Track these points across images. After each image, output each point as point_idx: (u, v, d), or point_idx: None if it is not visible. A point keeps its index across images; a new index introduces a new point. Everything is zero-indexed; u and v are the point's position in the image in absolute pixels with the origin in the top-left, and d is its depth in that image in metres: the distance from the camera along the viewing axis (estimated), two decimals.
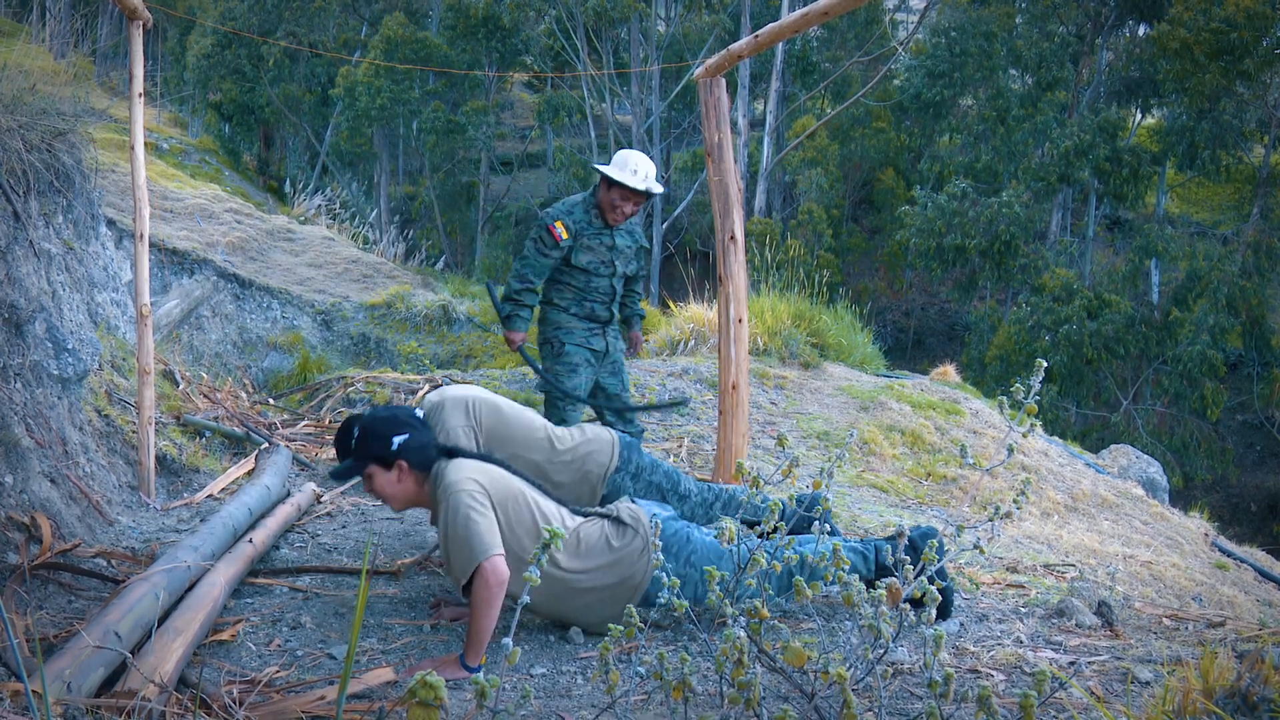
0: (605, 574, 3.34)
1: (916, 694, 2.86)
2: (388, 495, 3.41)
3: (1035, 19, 24.91)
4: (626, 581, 3.34)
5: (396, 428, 3.36)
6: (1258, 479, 21.00)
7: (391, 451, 3.34)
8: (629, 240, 5.25)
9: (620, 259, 5.23)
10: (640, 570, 3.34)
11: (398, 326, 12.43)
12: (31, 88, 4.91)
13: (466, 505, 3.18)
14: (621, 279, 5.29)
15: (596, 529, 3.40)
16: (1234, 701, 2.25)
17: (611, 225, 5.15)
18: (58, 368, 4.47)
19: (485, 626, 3.05)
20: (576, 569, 3.33)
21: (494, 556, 3.07)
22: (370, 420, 3.42)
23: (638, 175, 5.03)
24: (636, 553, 3.35)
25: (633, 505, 3.51)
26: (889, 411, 8.15)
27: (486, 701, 1.92)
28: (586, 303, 5.19)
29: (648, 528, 3.39)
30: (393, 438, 3.34)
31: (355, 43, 26.93)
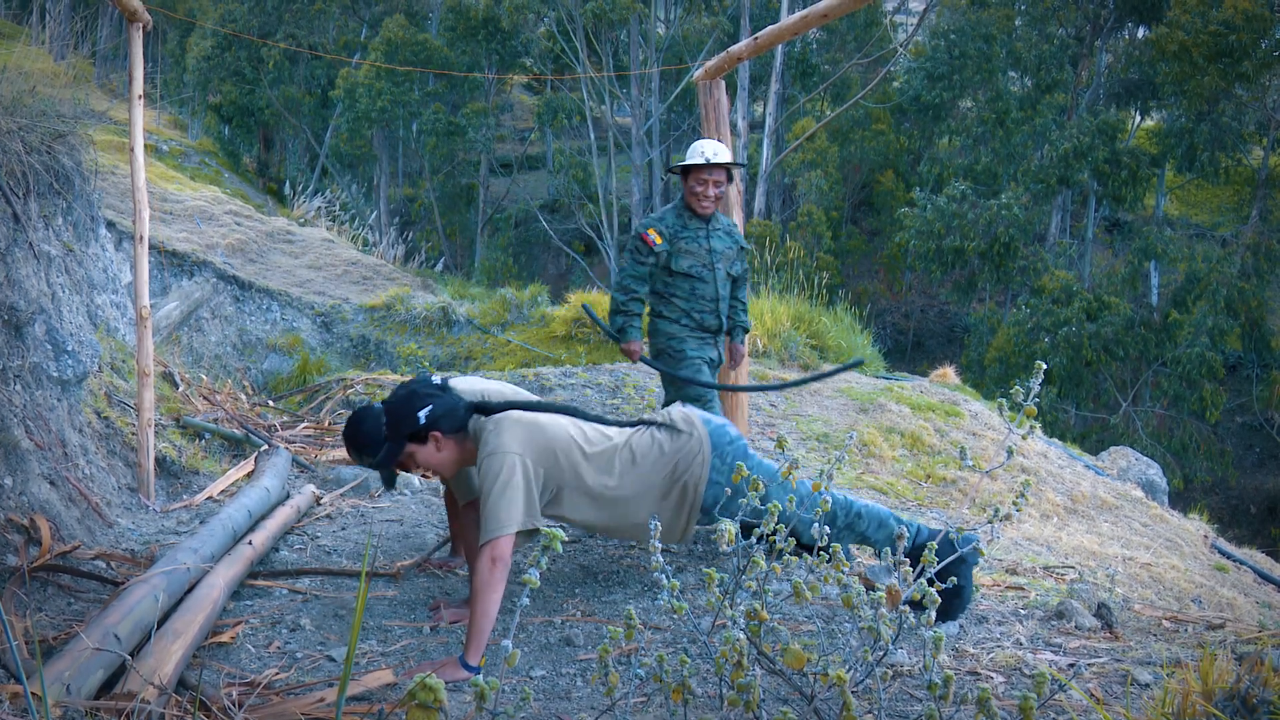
0: (659, 472, 3.39)
1: (916, 696, 2.86)
2: (435, 466, 3.43)
3: (1034, 21, 24.92)
4: (680, 478, 3.39)
5: (418, 401, 3.37)
6: (1257, 481, 21.00)
7: (422, 425, 3.34)
8: (728, 241, 5.05)
9: (721, 261, 5.01)
10: (696, 469, 3.39)
11: (397, 328, 12.43)
12: (31, 90, 4.91)
13: (508, 463, 3.22)
14: (727, 283, 5.05)
15: (648, 437, 3.45)
16: (1233, 704, 2.25)
17: (703, 215, 4.94)
18: (57, 370, 4.47)
19: (486, 613, 3.04)
20: (632, 480, 3.38)
21: (503, 537, 3.10)
22: (392, 403, 3.42)
23: (705, 153, 4.89)
24: (692, 453, 3.40)
25: (685, 409, 3.56)
26: (888, 413, 8.15)
27: (486, 704, 1.92)
28: (695, 313, 4.99)
29: (702, 428, 3.44)
30: (418, 412, 3.35)
31: (355, 45, 26.94)
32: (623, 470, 3.39)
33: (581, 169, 26.08)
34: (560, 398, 7.71)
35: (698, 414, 3.53)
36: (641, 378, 8.22)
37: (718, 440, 3.46)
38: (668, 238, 4.94)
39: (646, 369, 8.59)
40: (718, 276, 4.99)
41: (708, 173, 4.86)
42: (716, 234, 4.99)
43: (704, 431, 3.46)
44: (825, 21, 4.54)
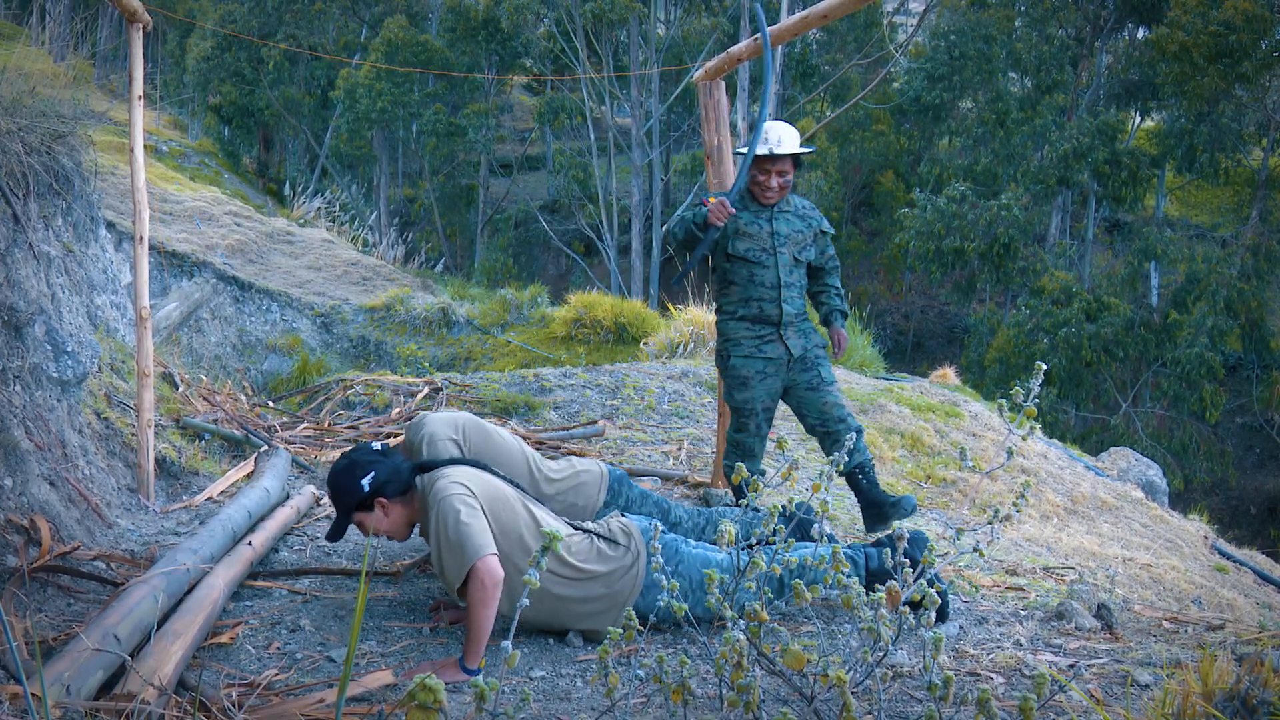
0: (595, 586, 3.34)
1: (916, 697, 2.86)
2: (386, 531, 3.46)
3: (1034, 22, 24.92)
4: (617, 595, 3.35)
5: (360, 471, 3.40)
6: (1257, 481, 21.00)
7: (365, 493, 3.38)
8: (797, 225, 4.73)
9: (787, 246, 4.69)
10: (630, 584, 3.35)
11: (397, 329, 12.44)
12: (31, 90, 4.91)
13: (455, 509, 3.19)
14: (792, 269, 4.71)
15: (587, 542, 3.40)
16: (1233, 705, 2.25)
17: (766, 204, 4.66)
18: (57, 370, 4.47)
19: (483, 628, 3.05)
20: (567, 580, 3.33)
21: (487, 556, 3.08)
22: (333, 477, 3.46)
23: (770, 142, 4.58)
24: (626, 567, 3.36)
25: (624, 519, 3.51)
26: (888, 414, 8.15)
27: (486, 704, 1.92)
28: (752, 301, 4.68)
29: (639, 541, 3.40)
30: (360, 480, 3.38)
31: (355, 45, 26.95)
32: (559, 564, 3.31)
33: (581, 169, 26.08)
34: (560, 399, 7.71)
35: (634, 525, 3.47)
36: (641, 378, 8.22)
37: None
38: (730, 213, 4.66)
39: (643, 370, 8.60)
40: (779, 261, 4.68)
41: (771, 162, 4.59)
42: (783, 216, 4.70)
43: (640, 544, 3.39)
44: (825, 22, 4.53)
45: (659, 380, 8.22)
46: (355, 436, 6.82)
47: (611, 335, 12.36)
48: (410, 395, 7.77)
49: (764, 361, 4.72)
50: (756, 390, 4.73)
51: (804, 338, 4.77)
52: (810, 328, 4.83)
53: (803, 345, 4.75)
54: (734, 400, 4.79)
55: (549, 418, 7.41)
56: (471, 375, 8.71)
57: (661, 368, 8.73)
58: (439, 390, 7.81)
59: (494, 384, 8.03)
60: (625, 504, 4.08)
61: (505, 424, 6.95)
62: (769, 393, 4.75)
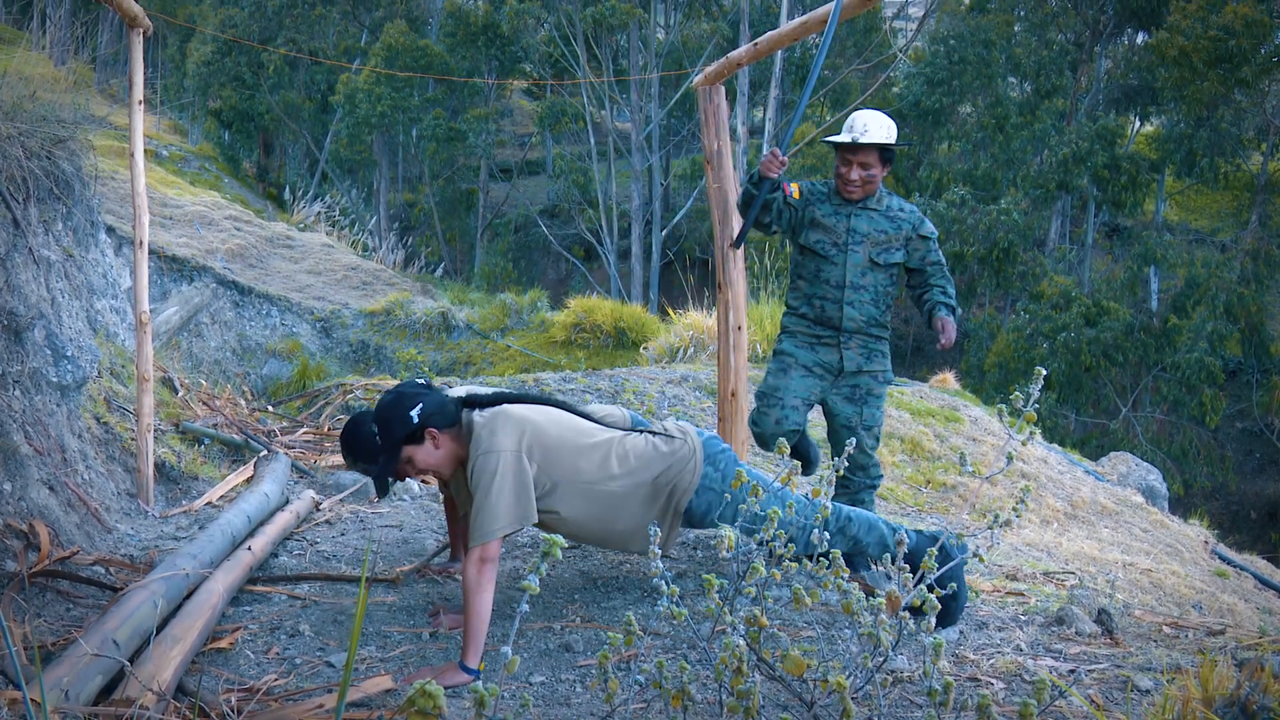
0: (650, 472, 3.39)
1: (916, 702, 2.86)
2: (434, 466, 3.39)
3: (1034, 27, 24.95)
4: (668, 481, 3.40)
5: (408, 402, 3.33)
6: (1257, 486, 20.99)
7: (415, 424, 3.30)
8: (881, 224, 4.31)
9: (863, 245, 4.30)
10: (686, 475, 3.41)
11: (397, 333, 12.44)
12: (31, 95, 4.92)
13: (493, 471, 3.20)
14: (866, 270, 4.30)
15: (642, 440, 3.47)
16: (1233, 710, 2.25)
17: (849, 199, 4.29)
18: (56, 375, 4.47)
19: (481, 619, 3.06)
20: (624, 477, 3.38)
21: (492, 542, 3.10)
22: (381, 409, 3.38)
23: (854, 130, 4.22)
24: (684, 459, 3.42)
25: (680, 421, 3.60)
26: (888, 419, 8.15)
27: (485, 710, 1.92)
28: (817, 300, 4.33)
29: (695, 438, 3.48)
30: (409, 412, 3.30)
31: (355, 50, 26.98)
32: (618, 465, 3.39)
33: (581, 174, 26.10)
34: None
35: (690, 426, 3.55)
36: (641, 383, 8.22)
37: (710, 450, 3.49)
38: (805, 196, 4.36)
39: (643, 374, 8.59)
40: (850, 260, 4.29)
41: (852, 152, 4.21)
42: (867, 214, 4.30)
43: (697, 441, 3.48)
44: (825, 27, 4.53)
45: (659, 385, 8.22)
46: None
47: (611, 340, 12.36)
48: None
49: (812, 357, 4.35)
50: (793, 379, 4.33)
51: (866, 357, 4.32)
52: (879, 351, 4.36)
53: (859, 363, 4.31)
54: (764, 385, 4.41)
55: None
56: (471, 380, 8.71)
57: (661, 372, 8.73)
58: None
59: (494, 387, 8.02)
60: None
61: None
62: (805, 391, 4.33)
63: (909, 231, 4.34)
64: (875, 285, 4.32)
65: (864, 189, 4.26)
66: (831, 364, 4.33)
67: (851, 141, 4.20)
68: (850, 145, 4.21)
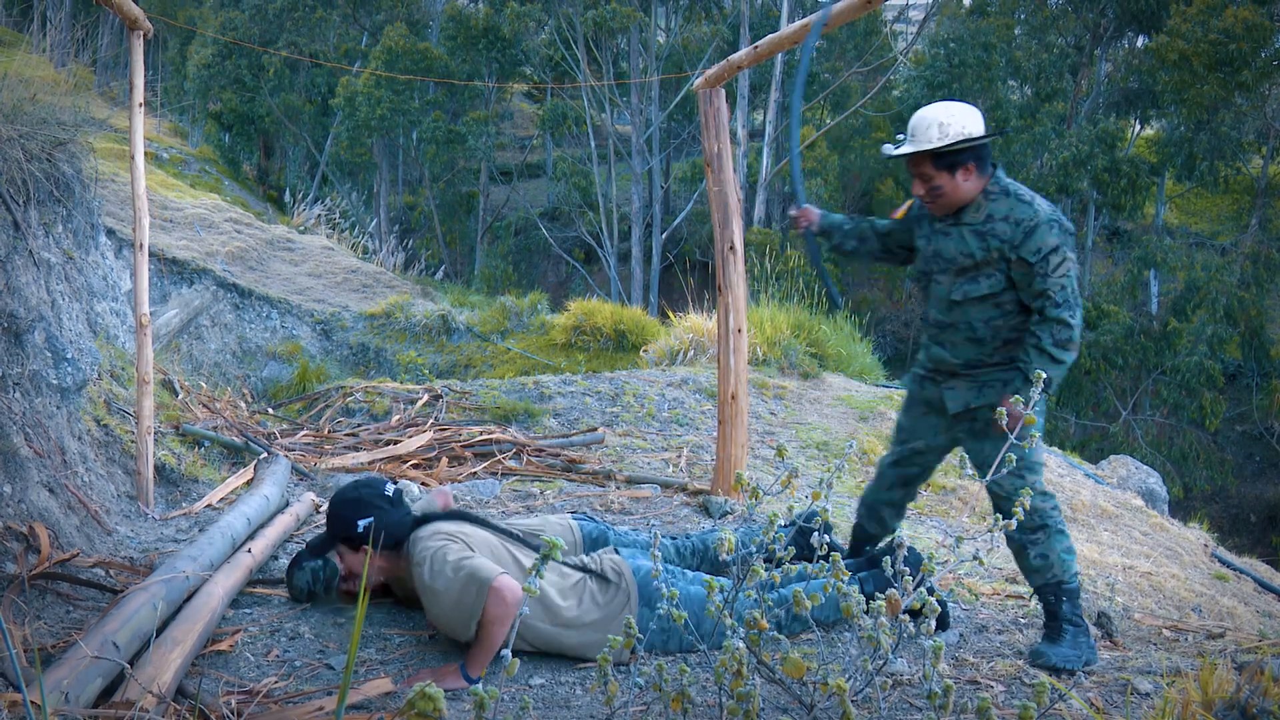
0: (591, 631, 3.30)
1: (916, 705, 2.86)
2: (361, 574, 3.48)
3: (1034, 30, 24.97)
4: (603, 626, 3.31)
5: (361, 511, 3.42)
6: (1257, 490, 20.98)
7: (357, 533, 3.41)
8: (969, 245, 3.44)
9: (947, 274, 3.52)
10: (620, 624, 3.30)
11: (397, 336, 12.43)
12: (32, 97, 4.92)
13: (446, 552, 3.21)
14: (952, 307, 3.49)
15: (581, 584, 3.38)
16: (1233, 713, 2.25)
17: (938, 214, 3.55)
18: (57, 377, 4.47)
19: (494, 642, 3.06)
20: (554, 620, 3.30)
21: (501, 576, 3.09)
22: (335, 504, 3.49)
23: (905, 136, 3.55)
24: (619, 606, 3.34)
25: (615, 557, 3.48)
26: (888, 422, 8.15)
27: (485, 713, 1.92)
28: (923, 332, 3.73)
29: (630, 580, 3.37)
30: (358, 520, 3.40)
31: (356, 53, 26.98)
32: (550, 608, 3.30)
33: (582, 177, 26.11)
34: (560, 406, 7.71)
35: (626, 564, 3.42)
36: (641, 385, 8.22)
37: (645, 590, 3.35)
38: (908, 218, 3.76)
39: (643, 377, 8.59)
40: (934, 292, 3.57)
41: (912, 165, 3.50)
42: (957, 232, 3.48)
43: (632, 584, 3.36)
44: (825, 30, 4.54)
45: (659, 387, 8.22)
46: (355, 443, 6.82)
47: (611, 342, 12.37)
48: (410, 402, 7.77)
49: (921, 395, 3.71)
50: (908, 419, 3.76)
51: (976, 392, 3.50)
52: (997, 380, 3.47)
53: (966, 401, 3.52)
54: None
55: (549, 425, 7.41)
56: (471, 382, 8.72)
57: (661, 375, 8.72)
58: (439, 398, 7.82)
59: (494, 391, 8.03)
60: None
61: None
62: (926, 429, 3.70)
63: (1005, 250, 3.38)
64: (971, 322, 3.48)
65: (939, 204, 3.49)
66: (935, 403, 3.63)
67: (894, 152, 3.56)
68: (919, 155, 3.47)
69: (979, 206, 3.45)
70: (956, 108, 3.47)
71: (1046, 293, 3.32)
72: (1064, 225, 3.37)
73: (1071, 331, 3.31)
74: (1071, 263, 3.34)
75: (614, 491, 5.67)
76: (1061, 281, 3.31)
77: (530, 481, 5.98)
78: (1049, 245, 3.32)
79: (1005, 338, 3.45)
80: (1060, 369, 3.31)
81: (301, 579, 3.71)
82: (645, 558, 3.50)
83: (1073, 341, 3.32)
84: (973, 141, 3.40)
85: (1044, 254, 3.32)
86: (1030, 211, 3.37)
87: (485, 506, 5.37)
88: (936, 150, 3.40)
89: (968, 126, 3.41)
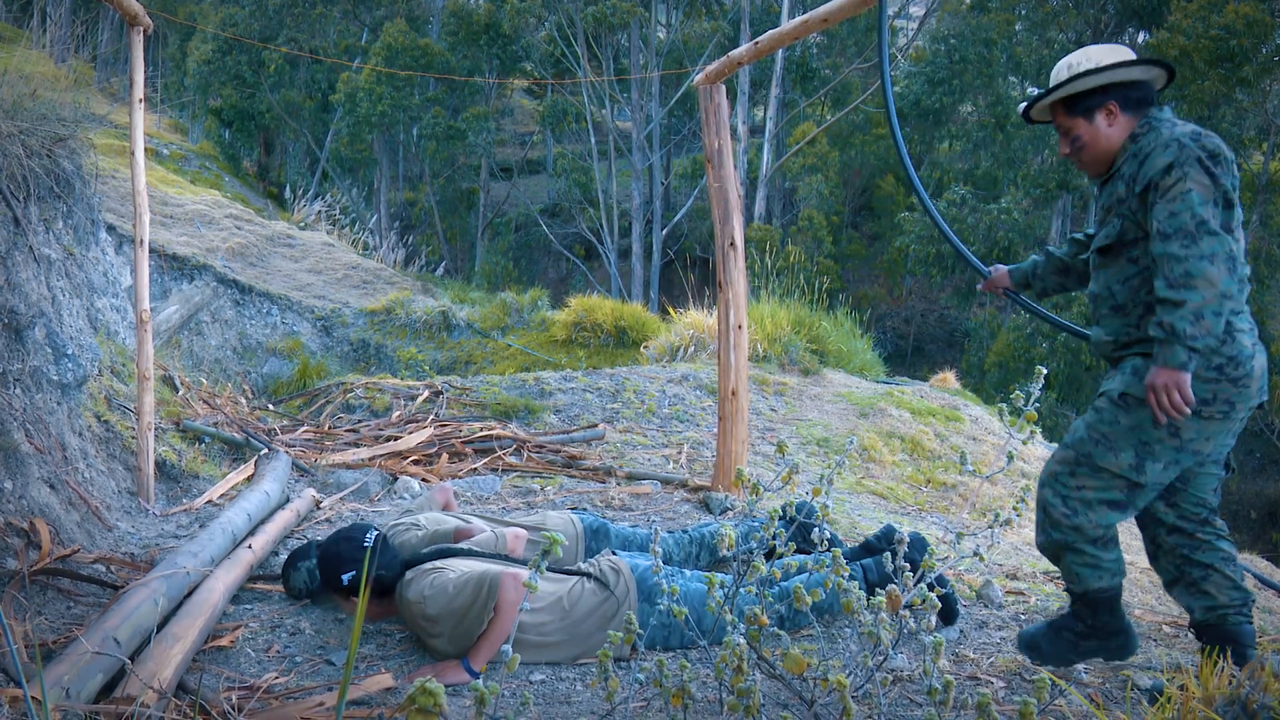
0: (588, 623, 3.31)
1: (916, 701, 2.86)
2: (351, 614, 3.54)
3: (1035, 26, 24.96)
4: (602, 624, 3.32)
5: (344, 566, 3.45)
6: (1257, 486, 20.99)
7: (344, 586, 3.46)
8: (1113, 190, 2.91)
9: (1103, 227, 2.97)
10: (620, 619, 3.32)
11: (397, 332, 12.43)
12: (32, 93, 4.91)
13: (444, 575, 3.24)
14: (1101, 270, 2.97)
15: (579, 588, 3.38)
16: (1233, 709, 2.25)
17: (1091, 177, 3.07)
18: (57, 373, 4.47)
19: (502, 632, 3.07)
20: (566, 628, 3.30)
21: (506, 570, 3.12)
22: (324, 559, 3.51)
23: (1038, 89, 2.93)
24: (617, 604, 3.34)
25: (613, 558, 3.49)
26: (888, 418, 8.15)
27: (486, 708, 1.92)
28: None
29: (629, 577, 3.38)
30: (343, 574, 3.44)
31: (356, 49, 26.97)
32: (559, 617, 3.30)
33: (582, 173, 26.10)
34: (560, 402, 7.71)
35: (624, 562, 3.44)
36: (641, 382, 8.22)
37: (644, 586, 3.36)
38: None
39: (644, 373, 8.59)
40: (1091, 260, 3.04)
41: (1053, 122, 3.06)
42: (1111, 181, 2.94)
43: (630, 581, 3.37)
44: (826, 26, 4.53)
45: (659, 384, 8.22)
46: (356, 440, 6.82)
47: (612, 339, 12.36)
48: (410, 399, 7.77)
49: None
50: (1159, 464, 2.92)
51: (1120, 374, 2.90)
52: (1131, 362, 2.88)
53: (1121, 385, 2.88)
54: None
55: (549, 421, 7.41)
56: (472, 379, 8.72)
57: (662, 371, 8.72)
58: (439, 394, 7.82)
59: (494, 387, 8.03)
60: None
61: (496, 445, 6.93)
62: (1161, 470, 2.90)
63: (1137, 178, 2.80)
64: (1109, 287, 2.94)
65: (1084, 160, 2.99)
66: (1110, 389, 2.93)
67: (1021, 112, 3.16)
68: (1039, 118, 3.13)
69: (1124, 152, 2.89)
70: (1095, 48, 2.95)
71: (1156, 228, 2.67)
72: (1186, 144, 2.69)
73: (1183, 265, 2.60)
74: (1196, 185, 2.63)
75: (614, 488, 5.68)
76: (1171, 208, 2.63)
77: (531, 478, 5.99)
78: (1158, 167, 2.70)
79: (1148, 306, 2.83)
80: (1179, 316, 2.60)
81: (297, 579, 3.73)
82: (644, 557, 3.52)
83: (1192, 278, 2.59)
84: (1101, 75, 2.86)
85: (1150, 179, 2.72)
86: (1154, 139, 2.78)
87: (485, 503, 5.38)
88: (1064, 95, 2.93)
89: (1100, 61, 2.89)
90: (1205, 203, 2.63)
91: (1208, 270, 2.59)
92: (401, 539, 3.90)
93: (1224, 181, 2.66)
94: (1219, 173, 2.66)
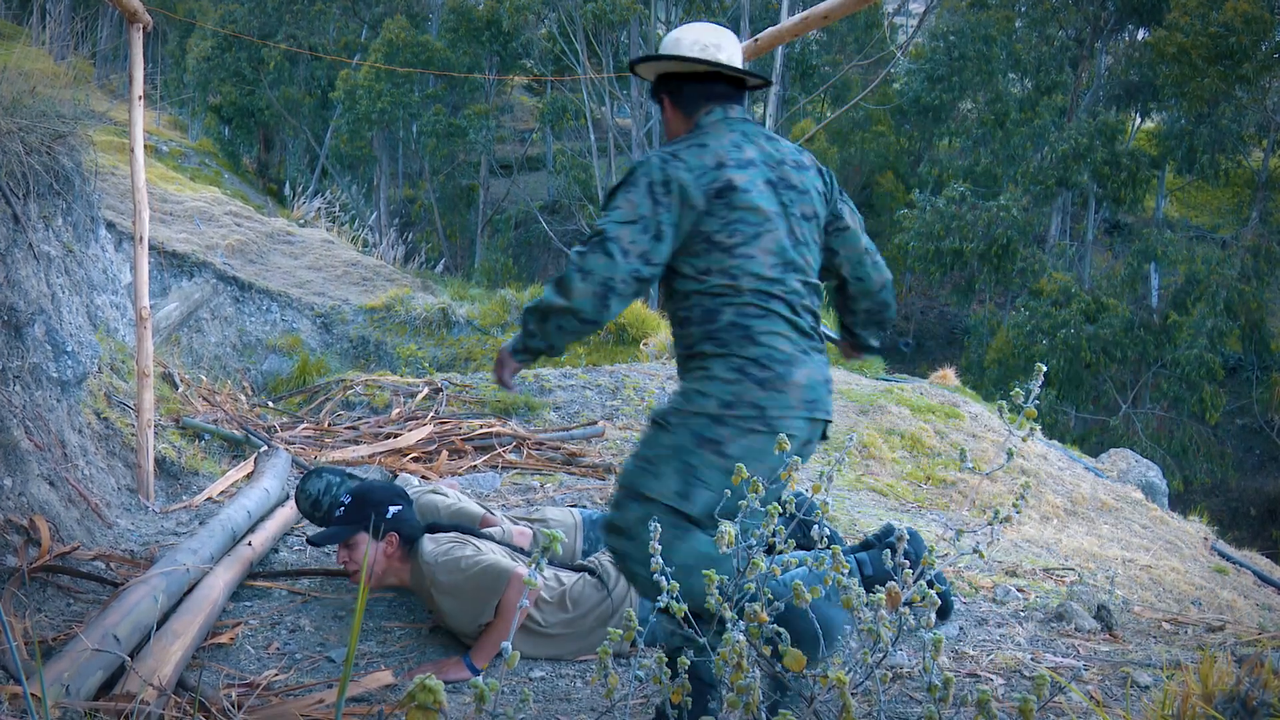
0: (589, 619, 3.32)
1: (916, 698, 2.86)
2: (373, 565, 3.42)
3: (1034, 23, 24.94)
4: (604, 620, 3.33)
5: (391, 499, 3.43)
6: (1257, 483, 20.99)
7: (386, 519, 3.39)
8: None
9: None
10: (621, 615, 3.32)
11: (397, 329, 12.42)
12: (31, 90, 4.91)
13: (458, 554, 3.25)
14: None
15: (581, 585, 3.39)
16: (1233, 706, 2.25)
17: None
18: (57, 370, 4.46)
19: (504, 632, 3.08)
20: (567, 623, 3.31)
21: (515, 572, 3.13)
22: (365, 487, 3.49)
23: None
24: (618, 601, 3.35)
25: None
26: (888, 415, 8.15)
27: (485, 705, 1.92)
28: None
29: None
30: (388, 506, 3.40)
31: (355, 46, 26.94)
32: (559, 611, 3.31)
33: (582, 170, 26.08)
34: (560, 399, 7.71)
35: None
36: (641, 379, 8.21)
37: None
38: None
39: (643, 370, 8.59)
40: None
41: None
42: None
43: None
44: (825, 23, 4.53)
45: (659, 381, 8.22)
46: (355, 437, 6.82)
47: (611, 336, 12.35)
48: (410, 395, 7.77)
49: None
50: None
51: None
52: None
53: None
54: None
55: (549, 418, 7.41)
56: (471, 375, 8.71)
57: (661, 368, 8.72)
58: (439, 391, 7.81)
59: (494, 384, 8.02)
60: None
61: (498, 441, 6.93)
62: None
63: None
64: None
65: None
66: None
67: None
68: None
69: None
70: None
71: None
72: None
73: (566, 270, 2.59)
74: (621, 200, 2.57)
75: (614, 484, 5.67)
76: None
77: (530, 475, 5.99)
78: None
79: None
80: (531, 317, 2.72)
81: (315, 485, 3.68)
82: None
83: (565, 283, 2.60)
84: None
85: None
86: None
87: (485, 500, 5.37)
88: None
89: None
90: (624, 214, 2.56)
91: (570, 281, 2.62)
92: (425, 500, 3.91)
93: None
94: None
